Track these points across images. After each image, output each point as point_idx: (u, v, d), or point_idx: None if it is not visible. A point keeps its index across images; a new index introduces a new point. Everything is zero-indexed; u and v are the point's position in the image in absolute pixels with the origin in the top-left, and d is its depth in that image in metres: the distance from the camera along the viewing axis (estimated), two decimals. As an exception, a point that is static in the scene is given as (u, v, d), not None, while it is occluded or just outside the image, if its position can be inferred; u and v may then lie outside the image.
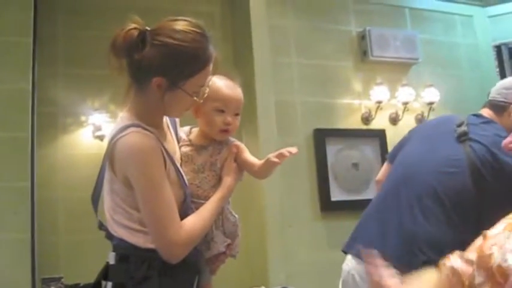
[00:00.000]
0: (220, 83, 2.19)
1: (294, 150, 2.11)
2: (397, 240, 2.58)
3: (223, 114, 2.18)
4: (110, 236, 2.04)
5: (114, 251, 2.01)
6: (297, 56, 5.65)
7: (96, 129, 4.99)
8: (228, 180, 2.18)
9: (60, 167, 4.88)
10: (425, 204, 2.60)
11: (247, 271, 4.91)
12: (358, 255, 2.69)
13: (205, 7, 5.46)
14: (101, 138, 4.98)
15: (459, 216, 2.53)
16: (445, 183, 2.61)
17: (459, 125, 2.83)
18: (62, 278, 4.52)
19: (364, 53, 5.89)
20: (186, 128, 2.32)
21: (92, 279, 2.08)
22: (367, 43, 5.85)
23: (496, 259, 1.45)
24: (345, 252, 2.91)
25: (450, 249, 2.55)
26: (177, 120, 2.26)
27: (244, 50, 5.36)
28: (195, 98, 2.03)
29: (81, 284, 4.55)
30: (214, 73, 2.12)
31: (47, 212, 4.64)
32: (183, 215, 2.00)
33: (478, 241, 1.59)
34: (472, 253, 1.57)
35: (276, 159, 2.10)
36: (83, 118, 5.01)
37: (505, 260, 1.42)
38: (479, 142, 2.65)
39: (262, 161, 2.17)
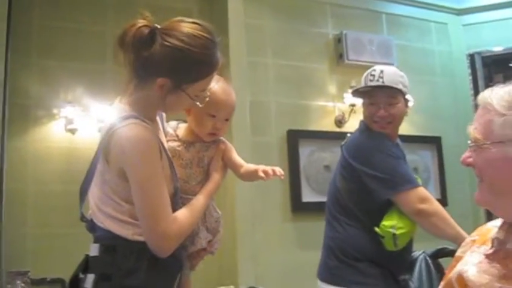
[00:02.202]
0: (217, 87, 2.19)
1: (281, 173, 2.19)
2: (323, 251, 3.07)
3: (214, 118, 2.20)
4: (92, 228, 2.02)
5: (97, 243, 1.98)
6: (273, 56, 5.66)
7: (68, 122, 4.94)
8: (216, 177, 2.21)
9: (31, 160, 4.83)
10: (333, 214, 3.06)
11: (216, 270, 4.91)
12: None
13: (183, 4, 5.43)
14: (72, 131, 4.94)
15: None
16: (340, 189, 3.06)
17: None
18: (28, 272, 4.46)
19: (340, 56, 5.92)
20: (174, 123, 2.32)
21: (59, 274, 2.07)
22: (343, 46, 5.88)
23: (456, 270, 1.48)
24: None
25: (362, 249, 2.87)
26: (164, 114, 2.25)
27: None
28: (197, 103, 2.03)
29: (48, 279, 4.51)
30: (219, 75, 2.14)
31: (15, 205, 4.59)
32: (172, 209, 1.99)
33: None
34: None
35: (262, 175, 2.17)
36: (55, 111, 4.96)
37: (468, 271, 1.44)
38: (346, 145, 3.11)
39: (250, 168, 2.24)
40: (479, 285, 1.39)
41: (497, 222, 1.48)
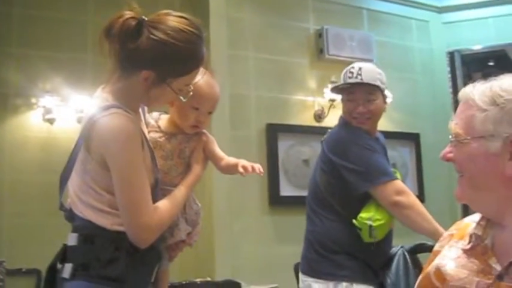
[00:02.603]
0: (201, 80, 2.17)
1: (260, 171, 2.18)
2: (303, 245, 3.09)
3: (197, 111, 2.19)
4: (71, 217, 2.00)
5: (76, 232, 1.97)
6: (253, 50, 5.65)
7: (46, 112, 4.92)
8: (197, 168, 2.21)
9: (8, 149, 4.80)
10: (313, 208, 3.09)
11: (193, 262, 4.91)
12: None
13: (165, -5, 5.42)
14: (51, 121, 4.92)
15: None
16: (320, 183, 3.08)
17: None
18: (3, 262, 4.43)
19: (321, 51, 5.93)
20: (155, 114, 2.31)
21: (35, 264, 2.05)
22: (324, 41, 5.89)
23: (435, 264, 1.49)
24: None
25: (340, 241, 2.90)
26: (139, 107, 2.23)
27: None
28: (180, 96, 2.03)
29: (24, 269, 4.49)
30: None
31: (-9, 194, 4.57)
32: (153, 200, 1.98)
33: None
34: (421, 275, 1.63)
35: (241, 170, 2.17)
36: (33, 100, 4.93)
37: (446, 265, 1.46)
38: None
39: (230, 161, 2.24)
40: (458, 279, 1.41)
41: (475, 218, 1.50)
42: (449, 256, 1.48)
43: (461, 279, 1.40)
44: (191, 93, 2.07)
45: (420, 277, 1.58)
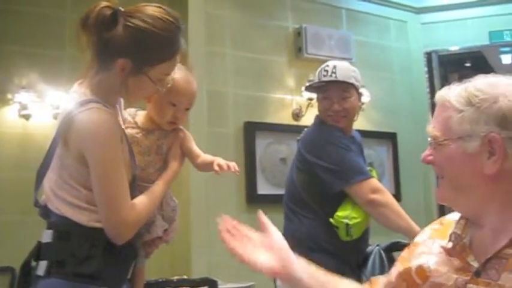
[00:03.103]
0: (178, 76, 2.17)
1: (236, 170, 2.18)
2: None
3: (174, 107, 2.19)
4: (46, 214, 1.98)
5: (51, 229, 1.94)
6: (232, 47, 5.64)
7: (22, 108, 4.86)
8: (174, 165, 2.20)
9: (-17, 145, 4.75)
10: (290, 207, 3.09)
11: (170, 260, 4.90)
12: None
13: (143, -9, 5.38)
14: (26, 117, 4.87)
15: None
16: (296, 182, 3.09)
17: None
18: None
19: (299, 50, 5.94)
20: (132, 110, 2.29)
21: (8, 262, 2.02)
22: (303, 40, 5.91)
23: (418, 261, 1.51)
24: None
25: (317, 239, 2.92)
26: (122, 101, 2.21)
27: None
28: (158, 87, 2.01)
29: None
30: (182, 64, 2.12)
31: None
32: (130, 196, 1.97)
33: (404, 252, 1.67)
34: (399, 263, 1.65)
35: (216, 169, 2.17)
36: (9, 96, 4.88)
37: (428, 262, 1.47)
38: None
39: (207, 159, 2.24)
40: (438, 275, 1.43)
41: (457, 216, 1.51)
42: (432, 251, 1.50)
43: (441, 275, 1.42)
44: (169, 84, 2.06)
45: (401, 267, 1.59)
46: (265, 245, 1.64)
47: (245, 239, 1.67)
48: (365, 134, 3.35)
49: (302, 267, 1.65)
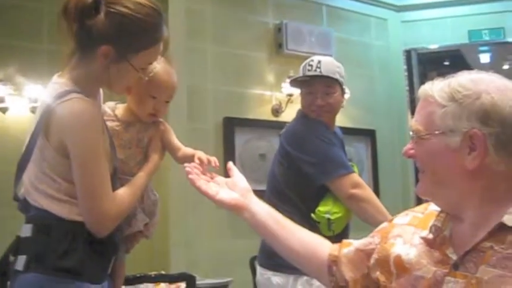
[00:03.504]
0: (159, 68, 2.15)
1: (216, 164, 2.12)
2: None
3: (155, 100, 2.17)
4: (25, 207, 1.94)
5: (30, 223, 1.91)
6: (212, 42, 5.63)
7: (-1, 100, 4.82)
8: (155, 158, 2.19)
9: (-42, 138, 4.69)
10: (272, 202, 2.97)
11: (148, 255, 4.87)
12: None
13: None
14: (3, 110, 4.82)
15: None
16: (279, 176, 3.09)
17: None
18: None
19: (279, 46, 5.94)
20: (111, 103, 2.27)
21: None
22: (283, 36, 5.90)
23: (397, 249, 1.52)
24: None
25: None
26: (101, 93, 2.19)
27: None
28: (141, 75, 1.99)
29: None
30: (163, 56, 2.09)
31: None
32: (112, 188, 1.95)
33: (384, 224, 1.70)
34: (377, 236, 1.67)
35: (197, 162, 2.08)
36: (-15, 89, 4.82)
37: (408, 254, 1.48)
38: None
39: (187, 152, 2.21)
40: (418, 268, 1.44)
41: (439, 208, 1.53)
42: (413, 243, 1.51)
43: (420, 268, 1.44)
44: (152, 73, 2.04)
45: (379, 252, 1.60)
46: (229, 185, 1.82)
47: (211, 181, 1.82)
48: (344, 131, 3.36)
49: (261, 205, 1.82)
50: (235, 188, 1.81)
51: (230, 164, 1.89)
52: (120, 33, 1.89)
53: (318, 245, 1.76)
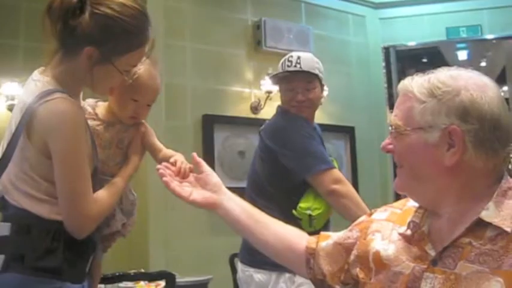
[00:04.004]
0: (142, 71, 2.12)
1: (186, 173, 1.99)
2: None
3: (136, 103, 2.14)
4: (3, 206, 1.91)
5: (8, 221, 1.88)
6: (191, 40, 5.62)
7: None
8: (135, 159, 2.17)
9: None
10: (253, 198, 2.99)
11: (127, 253, 4.85)
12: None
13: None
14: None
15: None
16: (259, 173, 3.09)
17: None
18: None
19: (258, 43, 5.94)
20: (91, 101, 2.24)
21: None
22: (262, 33, 5.91)
23: (376, 246, 1.52)
24: None
25: None
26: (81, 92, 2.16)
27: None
28: (125, 77, 1.97)
29: None
30: (148, 57, 2.07)
31: None
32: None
33: (362, 218, 1.70)
34: (355, 230, 1.67)
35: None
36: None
37: (386, 250, 1.49)
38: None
39: (167, 154, 2.15)
40: (396, 264, 1.45)
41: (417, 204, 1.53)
42: (391, 239, 1.52)
43: (399, 264, 1.44)
44: (136, 75, 2.02)
45: (357, 240, 1.61)
46: (201, 183, 1.83)
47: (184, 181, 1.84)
48: (323, 127, 3.36)
49: (234, 201, 1.82)
50: (206, 185, 1.82)
51: (196, 157, 1.89)
52: (105, 35, 1.86)
53: (294, 238, 1.77)
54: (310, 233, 2.80)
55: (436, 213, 1.45)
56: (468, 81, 1.39)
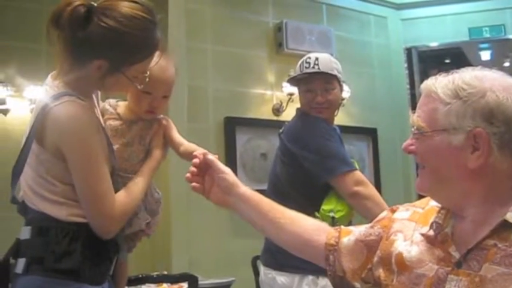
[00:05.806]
0: (152, 64, 2.09)
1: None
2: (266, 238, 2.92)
3: (150, 96, 2.12)
4: (24, 210, 1.94)
5: (29, 225, 1.90)
6: (212, 42, 5.62)
7: None
8: (157, 153, 2.15)
9: None
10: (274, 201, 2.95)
11: (150, 255, 4.87)
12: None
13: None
14: (4, 112, 4.87)
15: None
16: (280, 176, 3.07)
17: None
18: None
19: (280, 45, 5.93)
20: (113, 101, 2.24)
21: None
22: (283, 35, 5.89)
23: (399, 247, 1.51)
24: None
25: None
26: (98, 91, 2.17)
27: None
28: (136, 85, 1.97)
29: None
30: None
31: None
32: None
33: (384, 214, 1.68)
34: (377, 226, 1.65)
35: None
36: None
37: (409, 252, 1.47)
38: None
39: (190, 148, 2.15)
40: (420, 266, 1.43)
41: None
42: (414, 240, 1.50)
43: (422, 266, 1.43)
44: (147, 79, 2.02)
45: (380, 242, 1.59)
46: (218, 182, 1.83)
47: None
48: (345, 129, 3.35)
49: (248, 202, 1.83)
50: (221, 184, 1.82)
51: (206, 155, 1.88)
52: (113, 49, 1.87)
53: (312, 234, 1.75)
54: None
55: (459, 214, 1.44)
56: (493, 83, 1.36)
